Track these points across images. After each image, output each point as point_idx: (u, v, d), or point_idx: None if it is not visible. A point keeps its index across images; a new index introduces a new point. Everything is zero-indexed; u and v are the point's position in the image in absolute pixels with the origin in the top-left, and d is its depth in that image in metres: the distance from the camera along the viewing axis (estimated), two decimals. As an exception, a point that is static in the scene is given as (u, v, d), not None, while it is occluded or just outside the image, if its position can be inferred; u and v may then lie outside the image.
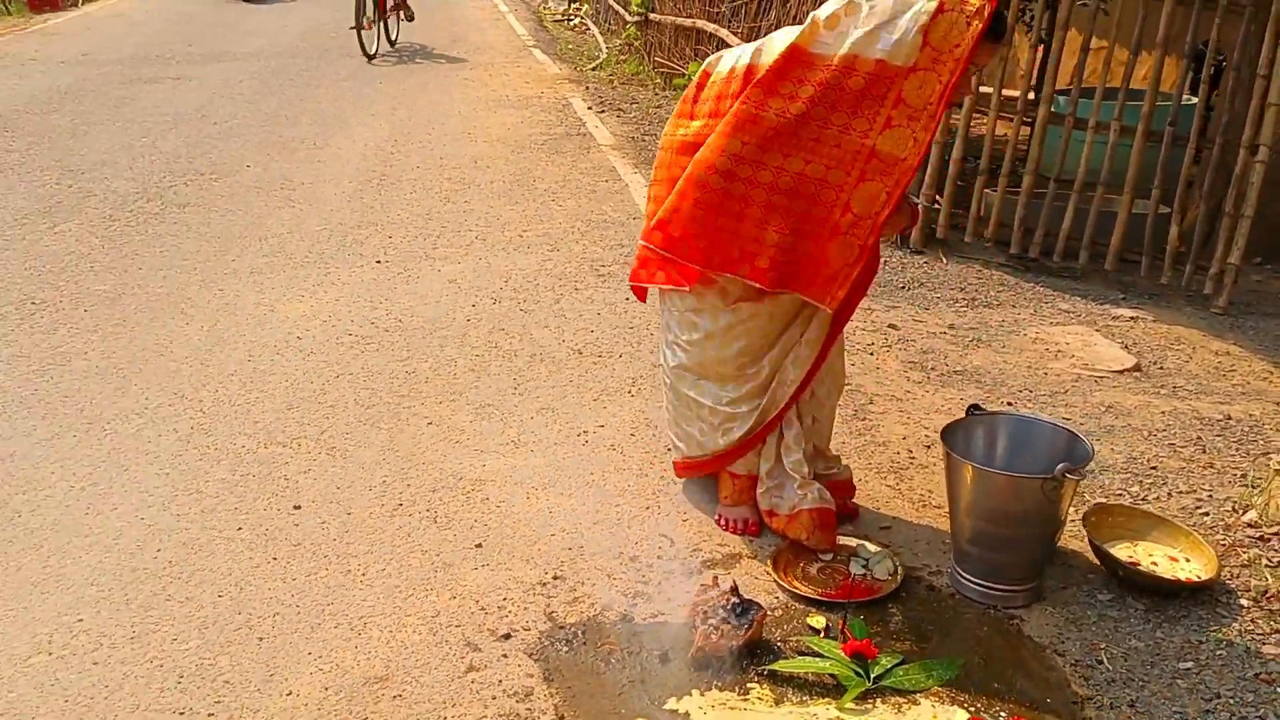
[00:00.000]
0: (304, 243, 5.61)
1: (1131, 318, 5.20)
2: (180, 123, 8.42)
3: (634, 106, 9.43)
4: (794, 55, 2.67)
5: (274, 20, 13.99)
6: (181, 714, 2.35)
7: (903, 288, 5.40)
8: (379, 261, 5.33)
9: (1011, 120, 5.94)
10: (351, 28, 10.91)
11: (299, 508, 3.16)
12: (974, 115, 5.87)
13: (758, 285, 2.73)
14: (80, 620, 2.65)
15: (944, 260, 5.83)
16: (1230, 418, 4.04)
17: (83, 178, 6.81)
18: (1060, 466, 2.57)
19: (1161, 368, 4.57)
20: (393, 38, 11.93)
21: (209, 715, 2.35)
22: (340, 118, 8.70)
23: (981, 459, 2.83)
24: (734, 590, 2.59)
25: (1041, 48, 7.08)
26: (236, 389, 3.93)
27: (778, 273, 2.71)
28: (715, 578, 2.69)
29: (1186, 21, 5.57)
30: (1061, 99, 6.43)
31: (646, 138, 8.26)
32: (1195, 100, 5.93)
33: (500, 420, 3.73)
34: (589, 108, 9.35)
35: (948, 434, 2.82)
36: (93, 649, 2.55)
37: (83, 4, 15.46)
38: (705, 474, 3.15)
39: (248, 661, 2.52)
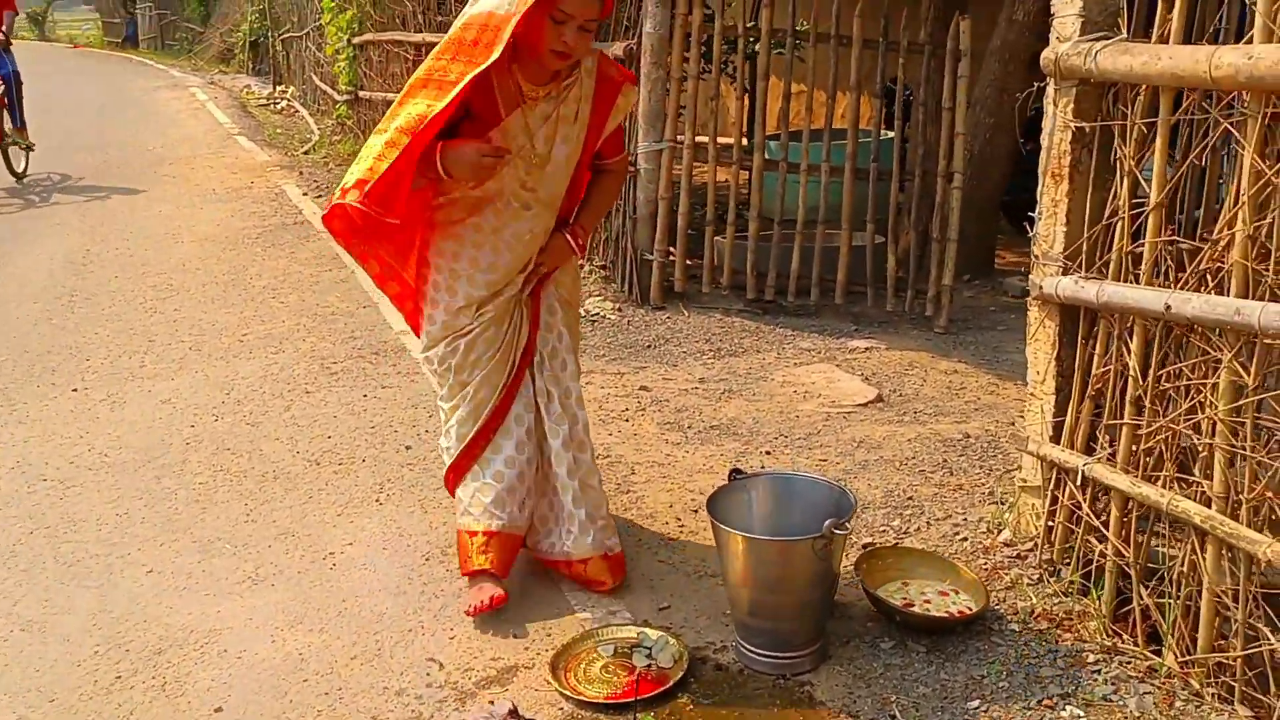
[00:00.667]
0: (-15, 377, 4.96)
1: (866, 349, 5.38)
2: None
3: (353, 188, 9.08)
4: None
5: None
6: None
7: (648, 346, 5.37)
8: (75, 390, 4.77)
9: (730, 166, 6.06)
10: None
11: (-10, 703, 2.68)
12: (694, 165, 5.96)
13: None
14: None
15: (685, 313, 5.85)
16: (969, 435, 4.19)
17: None
18: (827, 523, 2.51)
19: (900, 394, 4.71)
20: (18, 169, 9.22)
21: None
22: (19, 232, 7.89)
23: (748, 524, 2.74)
24: (512, 713, 2.36)
25: (747, 96, 7.34)
26: (-93, 565, 3.34)
27: None
28: (491, 700, 2.45)
29: (874, 62, 5.88)
30: (773, 144, 6.67)
31: (369, 220, 7.93)
32: (892, 135, 6.28)
33: (233, 555, 3.34)
34: (304, 194, 8.94)
35: (712, 504, 2.72)
36: None
37: None
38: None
39: None
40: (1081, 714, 2.46)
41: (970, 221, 6.22)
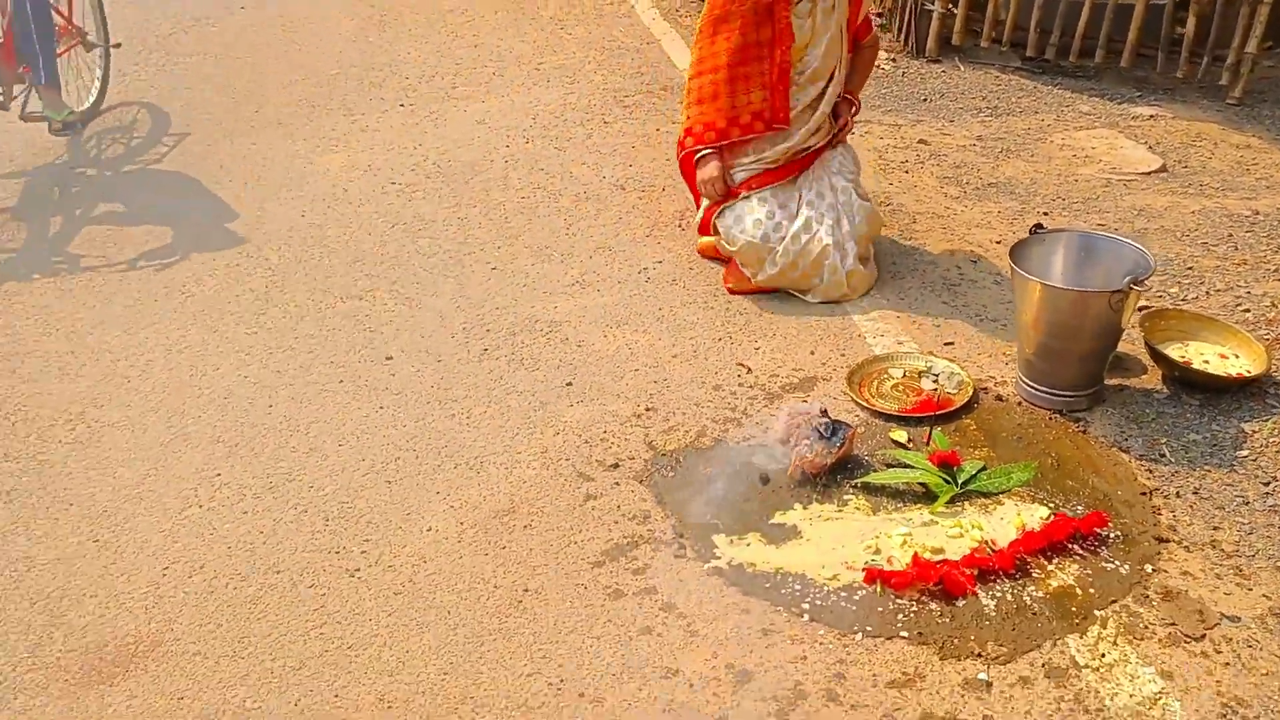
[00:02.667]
0: (323, 88, 5.57)
1: (1151, 116, 5.28)
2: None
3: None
4: None
5: None
6: (337, 553, 2.57)
7: (924, 100, 5.44)
8: (402, 104, 5.32)
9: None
10: None
11: (391, 358, 3.32)
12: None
13: None
14: (218, 475, 2.84)
15: (960, 68, 5.83)
16: (1258, 213, 4.20)
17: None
18: (1126, 279, 2.74)
19: (1186, 166, 4.69)
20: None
21: (362, 553, 2.57)
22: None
23: (1046, 276, 2.99)
24: (823, 413, 2.79)
25: None
26: (299, 245, 4.02)
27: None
28: (802, 402, 2.89)
29: None
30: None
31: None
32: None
33: (560, 261, 3.85)
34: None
35: (1015, 253, 2.97)
36: (237, 500, 2.75)
37: None
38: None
39: (383, 503, 2.72)
40: (1345, 472, 2.69)
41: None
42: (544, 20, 6.61)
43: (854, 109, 3.71)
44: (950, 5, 5.88)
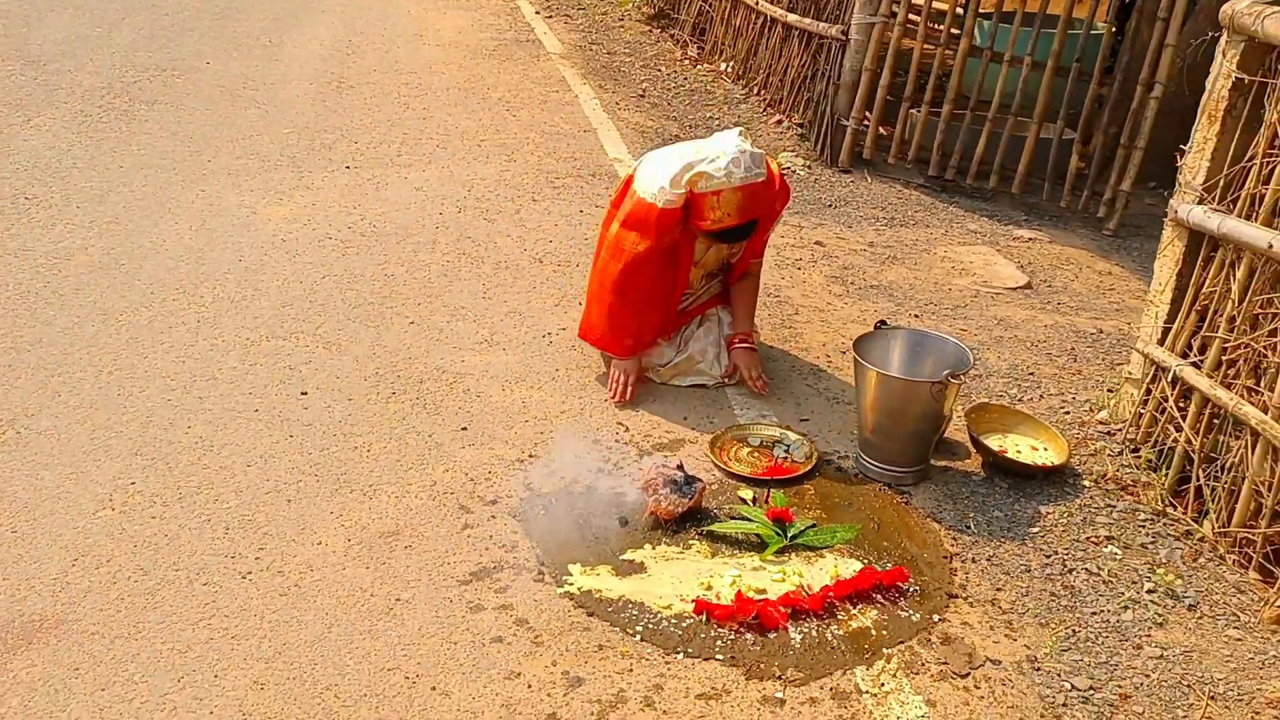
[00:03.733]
0: (274, 145, 5.97)
1: (1030, 239, 5.84)
2: (132, 13, 8.55)
3: (580, 13, 9.73)
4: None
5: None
6: (232, 557, 2.88)
7: (830, 205, 5.96)
8: (348, 167, 5.73)
9: (938, 44, 6.45)
10: None
11: (305, 393, 3.67)
12: (902, 36, 6.37)
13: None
14: (133, 483, 3.15)
15: (868, 180, 6.39)
16: (1103, 331, 4.71)
17: (45, 69, 7.01)
18: (945, 373, 3.19)
19: (1050, 285, 5.22)
20: None
21: (255, 558, 2.89)
22: (291, 14, 8.89)
23: (884, 366, 3.43)
24: (680, 468, 3.18)
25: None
26: (234, 286, 4.37)
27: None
28: (665, 458, 3.28)
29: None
30: (985, 23, 6.97)
31: (593, 47, 8.63)
32: (1102, 30, 6.47)
33: (474, 321, 4.24)
34: (537, 13, 9.63)
35: (858, 344, 3.41)
36: (147, 506, 3.06)
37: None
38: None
39: (280, 518, 3.05)
40: (1119, 553, 3.12)
41: (1168, 129, 6.43)
42: (493, 100, 7.09)
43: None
44: (863, 122, 6.45)
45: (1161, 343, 3.58)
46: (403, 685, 2.52)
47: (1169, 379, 3.49)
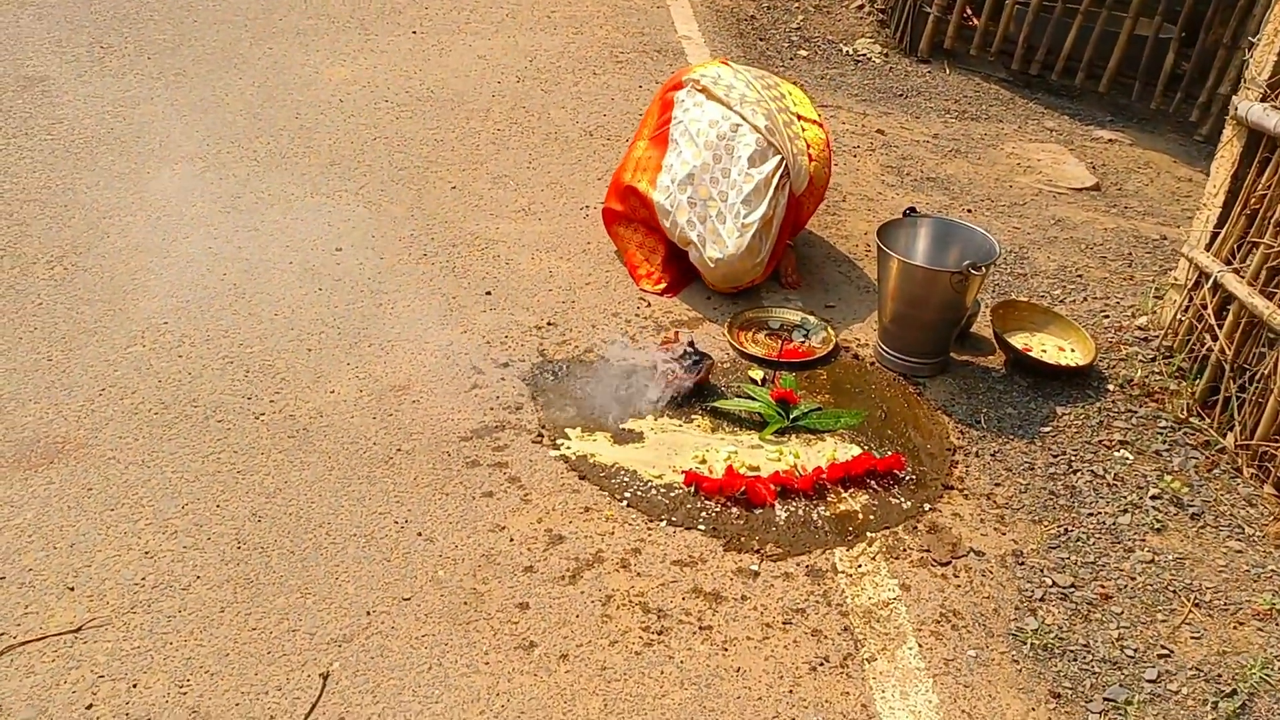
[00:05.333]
0: (345, 6, 5.98)
1: (1110, 139, 5.59)
2: None
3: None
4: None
5: None
6: (249, 398, 3.01)
7: (900, 95, 5.77)
8: (414, 32, 5.72)
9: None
10: None
11: (340, 249, 3.75)
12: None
13: None
14: (165, 323, 3.29)
15: (947, 71, 6.15)
16: (1165, 238, 4.53)
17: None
18: (965, 263, 3.11)
19: (1120, 189, 5.02)
20: None
21: (270, 402, 3.01)
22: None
23: (908, 254, 3.37)
24: (690, 344, 3.19)
25: None
26: (286, 143, 4.45)
27: None
28: (677, 333, 3.30)
29: None
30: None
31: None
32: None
33: (514, 189, 4.26)
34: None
35: (883, 231, 3.35)
36: (175, 345, 3.20)
37: None
38: None
39: (299, 366, 3.16)
40: (1130, 458, 3.06)
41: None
42: (569, -27, 6.97)
43: None
44: (947, 10, 6.19)
45: (1209, 248, 3.43)
46: (391, 529, 2.62)
47: (1210, 285, 3.35)
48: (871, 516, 2.79)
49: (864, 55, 6.21)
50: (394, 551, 2.56)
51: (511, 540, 2.62)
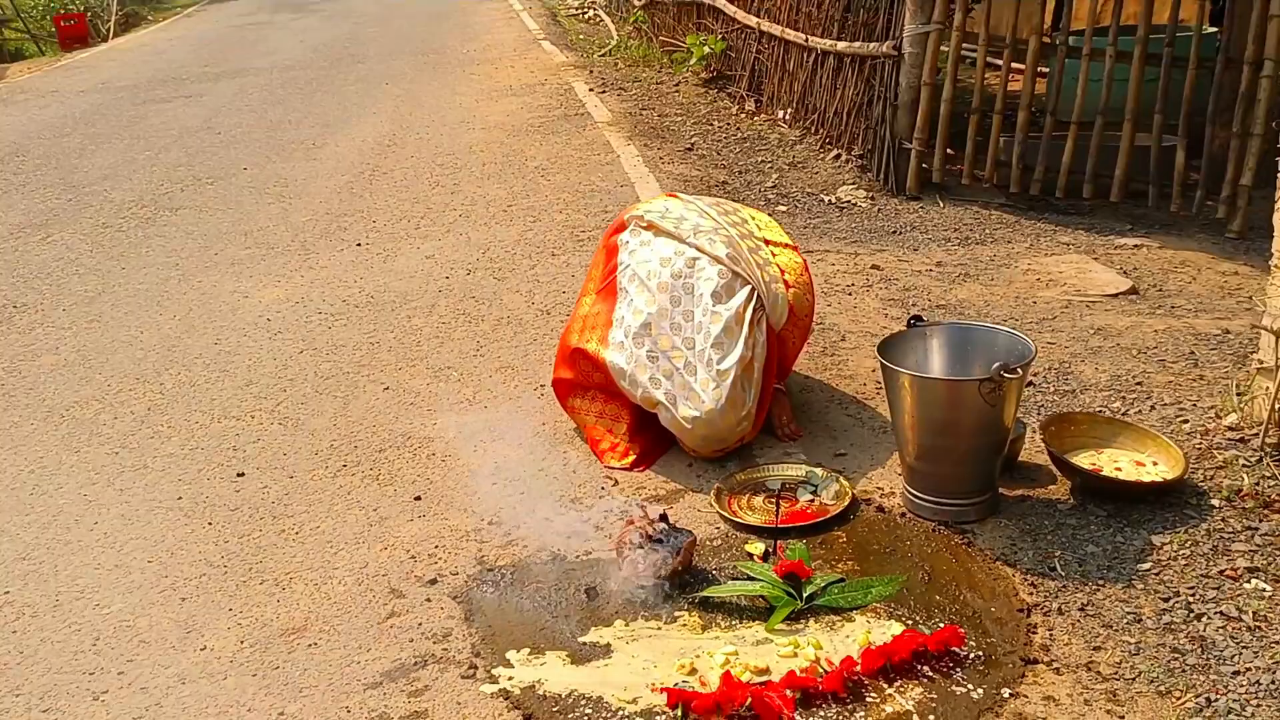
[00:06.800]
0: (288, 233, 5.60)
1: (1136, 245, 4.99)
2: (186, 136, 8.49)
3: (636, 85, 9.33)
4: None
5: (291, 37, 14.10)
6: (91, 674, 2.30)
7: (893, 232, 5.24)
8: (359, 244, 5.29)
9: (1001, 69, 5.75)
10: None
11: (242, 475, 3.12)
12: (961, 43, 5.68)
13: None
14: (6, 594, 2.61)
15: (940, 204, 5.64)
16: (1229, 331, 3.84)
17: (83, 191, 6.88)
18: (995, 366, 2.42)
19: (1160, 290, 4.37)
20: None
21: (119, 673, 2.29)
22: (344, 119, 8.71)
23: (922, 371, 2.69)
24: (662, 518, 2.48)
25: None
26: (199, 371, 3.90)
27: None
28: (644, 508, 2.58)
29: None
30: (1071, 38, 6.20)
31: (644, 112, 8.16)
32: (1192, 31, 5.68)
33: (458, 381, 3.66)
34: (590, 90, 9.26)
35: (886, 348, 2.68)
36: (15, 619, 2.51)
37: (111, 38, 15.74)
38: None
39: (167, 621, 2.46)
40: (1268, 589, 2.27)
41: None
42: (529, 170, 6.64)
43: None
44: (928, 144, 5.74)
45: (1297, 312, 2.74)
46: (256, 829, 1.85)
47: (1313, 356, 2.64)
48: (931, 716, 1.99)
49: (849, 202, 5.73)
50: None
51: (424, 824, 1.84)
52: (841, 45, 6.50)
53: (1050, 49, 5.61)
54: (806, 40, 7.02)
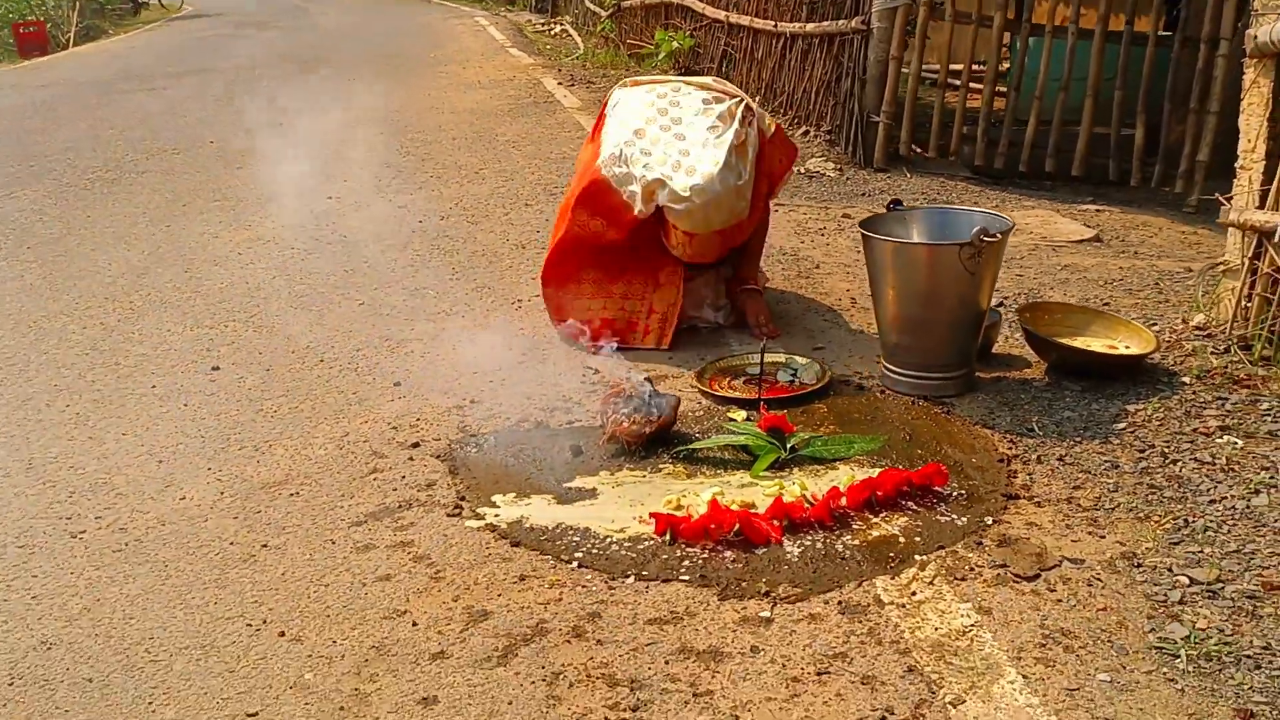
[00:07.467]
0: (254, 193, 5.57)
1: (1098, 210, 5.10)
2: (150, 119, 8.43)
3: (604, 79, 9.42)
4: None
5: (255, 45, 14.07)
6: (68, 519, 2.26)
7: (863, 195, 5.31)
8: (329, 198, 5.28)
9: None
10: None
11: (217, 369, 3.08)
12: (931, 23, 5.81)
13: None
14: (-21, 456, 2.57)
15: (907, 175, 5.74)
16: (1191, 270, 3.93)
17: (46, 160, 6.80)
18: (975, 229, 2.47)
19: (1124, 241, 4.47)
20: None
21: (96, 518, 2.25)
22: (310, 107, 8.64)
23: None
24: (647, 380, 2.49)
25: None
26: (170, 292, 3.86)
27: None
28: (629, 377, 2.59)
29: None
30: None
31: (613, 101, 8.23)
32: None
33: (435, 298, 3.65)
34: (559, 84, 9.34)
35: (867, 226, 2.72)
36: (-14, 477, 2.47)
37: (73, 46, 15.60)
38: None
39: (144, 479, 2.42)
40: (1239, 442, 2.32)
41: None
42: (500, 143, 6.67)
43: None
44: (894, 118, 5.84)
45: (1261, 205, 2.82)
46: (242, 633, 1.83)
47: (1276, 242, 2.71)
48: (916, 538, 2.01)
49: (818, 172, 5.81)
50: (242, 660, 1.76)
51: (415, 625, 1.83)
52: (811, 26, 6.61)
53: (1015, 25, 5.75)
54: (775, 26, 7.14)
